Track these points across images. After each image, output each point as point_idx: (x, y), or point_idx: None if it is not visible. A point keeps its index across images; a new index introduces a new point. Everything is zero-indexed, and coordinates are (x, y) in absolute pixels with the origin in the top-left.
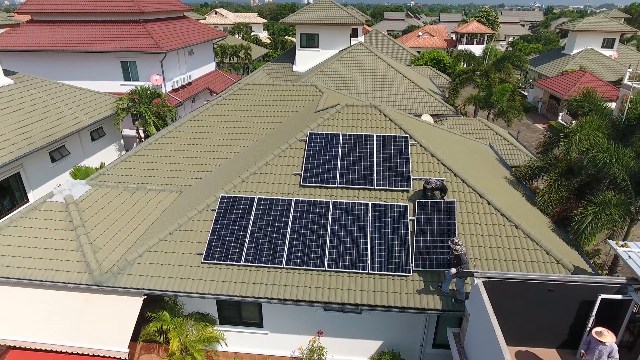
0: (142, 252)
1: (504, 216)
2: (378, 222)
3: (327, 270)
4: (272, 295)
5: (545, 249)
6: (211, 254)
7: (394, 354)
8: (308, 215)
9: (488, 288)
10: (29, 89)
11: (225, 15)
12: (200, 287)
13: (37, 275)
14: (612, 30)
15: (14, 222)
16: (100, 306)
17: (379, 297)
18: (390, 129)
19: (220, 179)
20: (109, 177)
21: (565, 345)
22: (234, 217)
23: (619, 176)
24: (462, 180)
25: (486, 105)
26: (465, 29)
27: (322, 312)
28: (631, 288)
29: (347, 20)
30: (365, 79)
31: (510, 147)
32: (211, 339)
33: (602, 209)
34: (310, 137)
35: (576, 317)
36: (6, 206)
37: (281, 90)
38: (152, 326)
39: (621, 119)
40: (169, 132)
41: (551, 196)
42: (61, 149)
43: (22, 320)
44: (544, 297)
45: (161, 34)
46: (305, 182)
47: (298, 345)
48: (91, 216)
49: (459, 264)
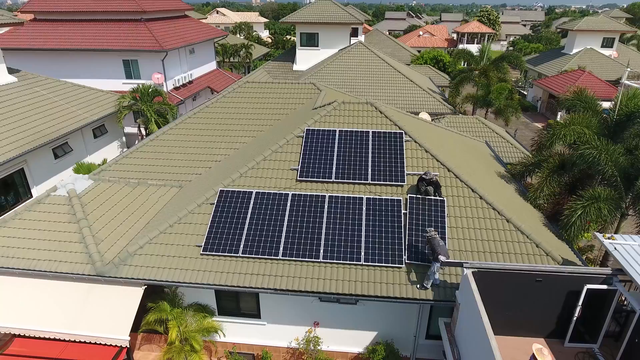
0: (143, 244)
1: (496, 210)
2: (372, 216)
3: (323, 262)
4: (269, 285)
5: (535, 241)
6: (210, 246)
7: (388, 344)
8: (304, 209)
9: (477, 278)
10: (32, 87)
11: (227, 14)
12: (199, 278)
13: (41, 266)
14: (611, 30)
15: (18, 215)
16: (102, 296)
17: (373, 287)
18: (385, 126)
19: (220, 174)
20: (111, 172)
21: (553, 335)
22: (233, 210)
23: (608, 171)
24: (456, 175)
25: (484, 104)
26: (466, 28)
27: (317, 303)
28: (616, 279)
29: (347, 19)
30: (364, 78)
31: (507, 145)
32: (210, 330)
33: (592, 204)
34: (307, 133)
35: (563, 307)
36: (10, 201)
37: (280, 88)
38: (152, 316)
39: (613, 115)
40: (170, 129)
41: (543, 191)
42: (64, 146)
43: (27, 310)
44: (532, 288)
45: (163, 32)
46: (302, 176)
47: (295, 335)
48: (93, 209)
49: (434, 250)
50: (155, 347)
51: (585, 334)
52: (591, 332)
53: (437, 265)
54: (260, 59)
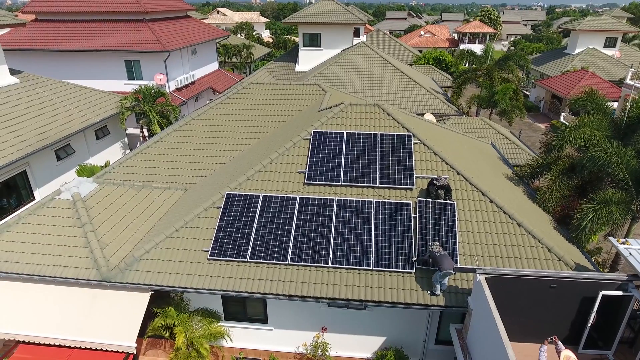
0: (149, 249)
1: (506, 214)
2: (381, 220)
3: (332, 267)
4: (277, 291)
5: (547, 246)
6: (217, 251)
7: (397, 350)
8: (312, 213)
9: (490, 284)
10: (34, 88)
11: (228, 14)
12: (206, 283)
13: (45, 271)
14: (614, 30)
15: (22, 219)
16: (108, 302)
17: (383, 293)
18: (393, 128)
19: (226, 177)
20: (114, 175)
21: (567, 341)
22: (240, 215)
23: (619, 174)
24: (465, 179)
25: (489, 105)
26: (467, 28)
27: (326, 308)
28: (632, 284)
29: (350, 19)
30: (368, 78)
31: (513, 146)
32: (216, 335)
33: (603, 207)
34: (314, 136)
35: (577, 313)
36: (13, 204)
37: (285, 90)
38: (158, 321)
39: (623, 117)
40: (174, 130)
41: (552, 194)
42: (66, 148)
43: (31, 316)
44: (546, 294)
45: (165, 33)
46: (309, 180)
47: (302, 341)
48: (98, 213)
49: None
50: (161, 352)
51: (599, 341)
52: (605, 339)
53: (440, 274)
54: (261, 59)
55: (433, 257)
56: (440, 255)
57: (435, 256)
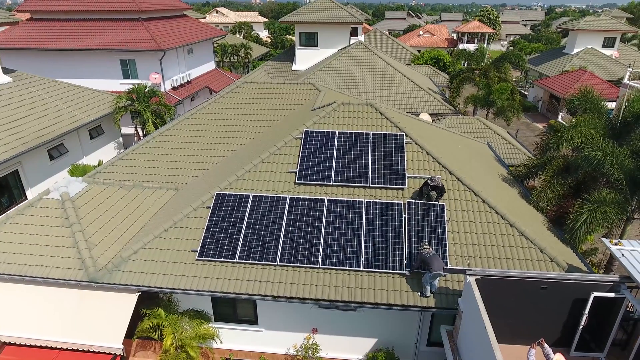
0: (137, 249)
1: (499, 214)
2: (372, 220)
3: (322, 268)
4: (266, 292)
5: (539, 247)
6: (206, 251)
7: (388, 351)
8: (303, 213)
9: (480, 286)
10: (27, 87)
11: (226, 14)
12: (194, 284)
13: (32, 272)
14: (612, 30)
15: (9, 219)
16: (95, 303)
17: (373, 294)
18: (386, 127)
19: (217, 177)
20: (106, 174)
21: (559, 344)
22: (229, 215)
23: (613, 174)
24: (457, 179)
25: (485, 104)
26: (466, 28)
27: (316, 309)
28: (624, 286)
29: (347, 19)
30: (364, 78)
31: (509, 146)
32: (206, 336)
33: (597, 207)
34: (305, 135)
35: (569, 315)
36: (4, 203)
37: (279, 89)
38: (147, 322)
39: (618, 117)
40: (167, 130)
41: (547, 194)
42: (59, 147)
43: (18, 317)
44: (537, 295)
45: (160, 32)
46: (300, 179)
47: (293, 342)
48: (87, 213)
49: (426, 264)
50: (150, 353)
51: (592, 343)
52: (597, 341)
53: (429, 275)
54: (259, 58)
55: (423, 259)
56: (430, 256)
57: (425, 257)
